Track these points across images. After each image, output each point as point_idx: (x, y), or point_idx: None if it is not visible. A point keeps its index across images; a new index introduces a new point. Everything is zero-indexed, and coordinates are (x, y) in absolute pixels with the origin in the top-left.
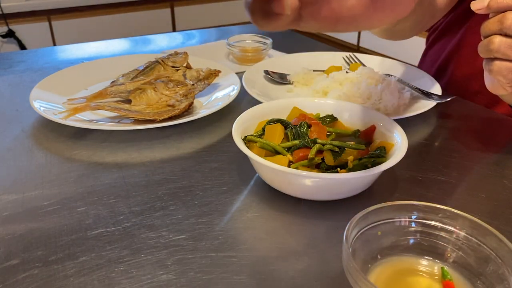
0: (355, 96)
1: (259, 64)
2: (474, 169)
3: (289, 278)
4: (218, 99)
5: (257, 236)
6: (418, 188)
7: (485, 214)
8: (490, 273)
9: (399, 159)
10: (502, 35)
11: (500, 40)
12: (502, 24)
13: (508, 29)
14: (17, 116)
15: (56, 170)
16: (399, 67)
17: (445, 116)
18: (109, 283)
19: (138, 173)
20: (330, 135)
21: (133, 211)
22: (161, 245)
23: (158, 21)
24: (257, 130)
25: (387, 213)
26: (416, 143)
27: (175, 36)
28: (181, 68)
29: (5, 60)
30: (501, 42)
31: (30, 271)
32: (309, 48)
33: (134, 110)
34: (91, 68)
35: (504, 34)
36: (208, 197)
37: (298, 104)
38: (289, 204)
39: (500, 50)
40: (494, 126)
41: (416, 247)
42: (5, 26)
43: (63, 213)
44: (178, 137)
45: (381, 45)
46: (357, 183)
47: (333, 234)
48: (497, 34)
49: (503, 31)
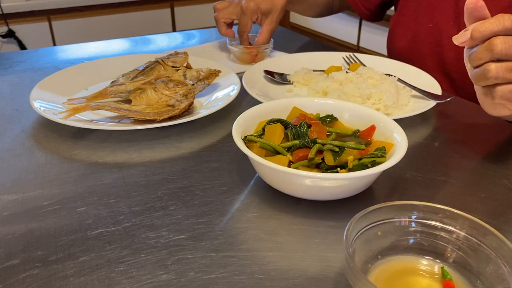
0: (355, 96)
1: (259, 64)
2: (474, 169)
3: (289, 278)
4: (218, 99)
5: (257, 236)
6: (418, 188)
7: (485, 214)
8: (490, 273)
9: (399, 159)
10: (495, 61)
11: (496, 66)
12: (492, 52)
13: (500, 55)
14: (17, 116)
15: (56, 170)
16: (399, 67)
17: (445, 116)
18: (109, 283)
19: (138, 173)
20: (330, 135)
21: (133, 211)
22: (161, 245)
23: (158, 21)
24: (257, 130)
25: (387, 213)
26: (416, 143)
27: (175, 36)
28: (181, 68)
29: (5, 60)
30: (498, 68)
31: (30, 271)
32: (309, 48)
33: (134, 110)
34: (91, 68)
35: (497, 60)
36: (208, 197)
37: (298, 104)
38: (289, 204)
39: (499, 76)
40: (494, 126)
41: (416, 247)
42: (5, 26)
43: (63, 213)
44: (178, 137)
45: (381, 45)
46: (357, 183)
47: (333, 234)
48: (489, 62)
49: (495, 58)
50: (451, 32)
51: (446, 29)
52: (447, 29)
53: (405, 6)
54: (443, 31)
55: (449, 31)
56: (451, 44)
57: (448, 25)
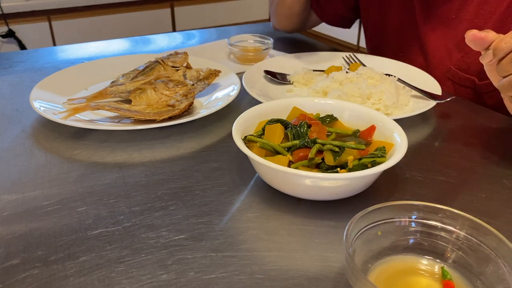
0: (355, 96)
1: (259, 64)
2: (474, 169)
3: (289, 278)
4: (218, 99)
5: (257, 236)
6: (418, 188)
7: (485, 214)
8: (490, 273)
9: (399, 159)
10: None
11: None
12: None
13: None
14: (17, 116)
15: (56, 170)
16: (399, 67)
17: (445, 116)
18: (109, 283)
19: (138, 173)
20: (330, 135)
21: (133, 211)
22: (161, 245)
23: (158, 21)
24: (257, 130)
25: (387, 213)
26: (416, 143)
27: (175, 36)
28: (181, 68)
29: (5, 60)
30: None
31: (30, 271)
32: (309, 48)
33: (134, 110)
34: (91, 68)
35: None
36: (208, 197)
37: (298, 104)
38: (289, 204)
39: None
40: (494, 126)
41: (416, 247)
42: (5, 26)
43: (63, 213)
44: (178, 137)
45: None
46: (357, 183)
47: (333, 234)
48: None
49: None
50: (418, 61)
51: (413, 58)
52: (414, 59)
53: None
54: (411, 61)
55: (416, 60)
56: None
57: (415, 55)
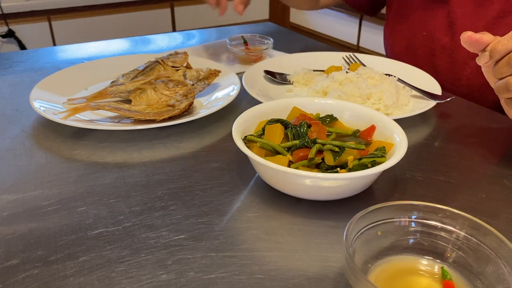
0: (355, 96)
1: (259, 64)
2: (474, 169)
3: (289, 278)
4: (218, 99)
5: (257, 236)
6: (418, 188)
7: (485, 214)
8: (490, 273)
9: (399, 159)
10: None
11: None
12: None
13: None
14: (17, 116)
15: (56, 170)
16: (399, 67)
17: (445, 116)
18: (109, 283)
19: (138, 173)
20: (330, 135)
21: (133, 211)
22: (161, 245)
23: (158, 21)
24: (257, 130)
25: (387, 213)
26: (416, 143)
27: (175, 36)
28: (181, 68)
29: (5, 60)
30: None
31: (30, 271)
32: (309, 48)
33: (134, 110)
34: (91, 68)
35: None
36: (208, 197)
37: (298, 104)
38: (289, 204)
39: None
40: (494, 126)
41: (416, 247)
42: (5, 26)
43: (63, 213)
44: (178, 137)
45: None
46: (357, 183)
47: (333, 234)
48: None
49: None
50: (443, 41)
51: (438, 37)
52: (439, 38)
53: (399, 14)
54: (435, 40)
55: (441, 40)
56: (443, 53)
57: (441, 33)
